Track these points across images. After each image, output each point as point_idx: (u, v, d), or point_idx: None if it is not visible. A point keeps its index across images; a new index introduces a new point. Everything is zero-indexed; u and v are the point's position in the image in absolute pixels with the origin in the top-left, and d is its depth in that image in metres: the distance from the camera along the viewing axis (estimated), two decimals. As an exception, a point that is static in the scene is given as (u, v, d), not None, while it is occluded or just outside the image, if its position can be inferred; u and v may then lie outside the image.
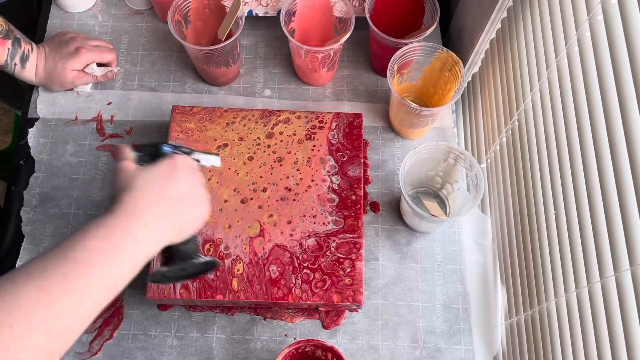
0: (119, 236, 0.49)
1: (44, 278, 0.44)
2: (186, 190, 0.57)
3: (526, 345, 0.67)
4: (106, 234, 0.49)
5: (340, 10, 0.84)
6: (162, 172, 0.56)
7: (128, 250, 0.50)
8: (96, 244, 0.48)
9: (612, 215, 0.49)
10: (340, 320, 0.75)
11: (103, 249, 0.48)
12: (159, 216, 0.53)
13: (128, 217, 0.51)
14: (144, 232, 0.51)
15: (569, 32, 0.57)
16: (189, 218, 0.57)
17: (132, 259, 0.50)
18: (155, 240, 0.53)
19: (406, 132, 0.85)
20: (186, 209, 0.56)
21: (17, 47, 0.79)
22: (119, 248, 0.49)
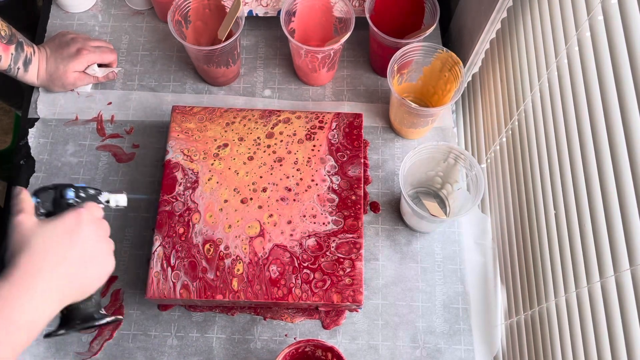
0: (15, 308, 0.46)
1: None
2: (90, 250, 0.53)
3: (526, 345, 0.67)
4: (1, 306, 0.45)
5: (340, 10, 0.84)
6: (64, 230, 0.51)
7: (25, 322, 0.46)
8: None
9: (612, 215, 0.49)
10: (340, 320, 0.75)
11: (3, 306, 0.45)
12: (58, 280, 0.49)
13: (25, 287, 0.47)
14: (42, 302, 0.48)
15: (569, 32, 0.57)
16: (92, 278, 0.53)
17: (29, 330, 0.47)
18: (55, 306, 0.49)
19: (406, 132, 0.85)
20: (88, 268, 0.52)
21: (20, 51, 0.79)
22: (15, 322, 0.46)
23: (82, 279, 0.52)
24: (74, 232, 0.52)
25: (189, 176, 0.75)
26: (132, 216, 0.80)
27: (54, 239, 0.50)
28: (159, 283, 0.69)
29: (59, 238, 0.51)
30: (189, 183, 0.75)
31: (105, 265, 0.55)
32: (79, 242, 0.52)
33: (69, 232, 0.52)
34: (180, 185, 0.74)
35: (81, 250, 0.52)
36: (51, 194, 0.56)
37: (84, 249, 0.52)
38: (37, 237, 0.50)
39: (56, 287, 0.49)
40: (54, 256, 0.50)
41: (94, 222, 0.55)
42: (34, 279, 0.48)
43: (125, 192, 0.64)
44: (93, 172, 0.83)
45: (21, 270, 0.48)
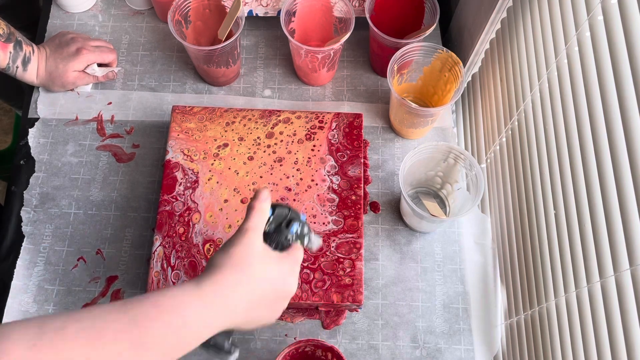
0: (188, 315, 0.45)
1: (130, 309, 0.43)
2: (283, 298, 0.53)
3: (526, 345, 0.67)
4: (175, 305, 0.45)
5: (340, 10, 0.84)
6: (281, 273, 0.52)
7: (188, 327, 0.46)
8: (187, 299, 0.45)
9: (612, 215, 0.49)
10: (340, 320, 0.75)
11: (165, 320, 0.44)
12: (239, 315, 0.49)
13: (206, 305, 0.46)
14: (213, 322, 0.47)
15: (568, 32, 0.57)
16: (266, 320, 0.53)
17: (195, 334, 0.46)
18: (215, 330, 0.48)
19: (406, 132, 0.85)
20: (272, 312, 0.52)
21: (18, 50, 0.79)
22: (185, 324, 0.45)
23: (261, 318, 0.52)
24: (285, 283, 0.52)
25: (189, 176, 0.75)
26: (132, 216, 0.80)
27: (266, 282, 0.50)
28: (159, 283, 0.69)
29: (271, 279, 0.51)
30: (189, 183, 0.75)
31: (278, 313, 0.54)
32: (283, 290, 0.52)
33: (283, 279, 0.52)
34: (180, 185, 0.74)
35: (278, 296, 0.52)
36: (282, 217, 0.55)
37: (281, 296, 0.52)
38: (253, 269, 0.49)
39: (233, 317, 0.48)
40: (255, 294, 0.49)
41: (299, 265, 0.55)
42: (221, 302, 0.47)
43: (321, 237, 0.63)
44: (93, 172, 0.83)
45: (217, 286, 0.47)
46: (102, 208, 0.81)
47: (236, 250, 0.49)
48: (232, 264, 0.48)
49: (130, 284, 0.76)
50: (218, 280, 0.47)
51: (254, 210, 0.52)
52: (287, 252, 0.54)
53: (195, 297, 0.46)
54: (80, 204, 0.81)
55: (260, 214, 0.53)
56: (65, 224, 0.79)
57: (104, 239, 0.78)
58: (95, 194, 0.82)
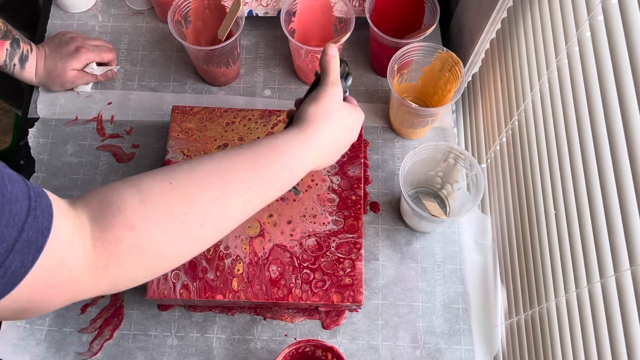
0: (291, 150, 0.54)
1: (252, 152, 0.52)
2: (351, 139, 0.62)
3: (526, 345, 0.67)
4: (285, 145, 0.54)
5: (340, 10, 0.84)
6: (352, 119, 0.60)
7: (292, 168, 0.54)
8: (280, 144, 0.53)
9: (612, 215, 0.49)
10: (340, 320, 0.75)
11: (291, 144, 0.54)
12: (320, 156, 0.57)
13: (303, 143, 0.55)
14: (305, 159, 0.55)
15: (569, 32, 0.57)
16: (335, 159, 0.61)
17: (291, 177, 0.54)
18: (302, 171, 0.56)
19: (406, 132, 0.85)
20: (335, 155, 0.60)
21: (15, 47, 0.79)
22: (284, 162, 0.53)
23: (334, 158, 0.60)
24: (356, 128, 0.61)
25: (189, 176, 0.75)
26: (132, 216, 0.80)
27: (341, 125, 0.59)
28: (159, 283, 0.69)
29: (344, 126, 0.59)
30: (189, 183, 0.75)
31: (339, 156, 0.62)
32: (353, 134, 0.61)
33: (355, 126, 0.61)
34: (180, 185, 0.74)
35: (350, 140, 0.61)
36: (342, 69, 0.62)
37: (349, 140, 0.61)
38: (336, 115, 0.58)
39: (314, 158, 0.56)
40: (334, 137, 0.58)
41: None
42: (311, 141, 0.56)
43: None
44: (93, 172, 0.83)
45: (311, 127, 0.56)
46: (102, 208, 0.80)
47: (326, 101, 0.57)
48: (323, 113, 0.57)
49: (130, 284, 0.76)
50: (314, 127, 0.56)
51: (330, 65, 0.60)
52: (353, 104, 0.63)
53: (300, 141, 0.54)
54: (80, 204, 0.81)
55: (337, 68, 0.60)
56: (65, 224, 0.79)
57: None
58: (95, 194, 0.81)
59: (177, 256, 0.47)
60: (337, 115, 0.58)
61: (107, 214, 0.42)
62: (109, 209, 0.43)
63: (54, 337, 0.73)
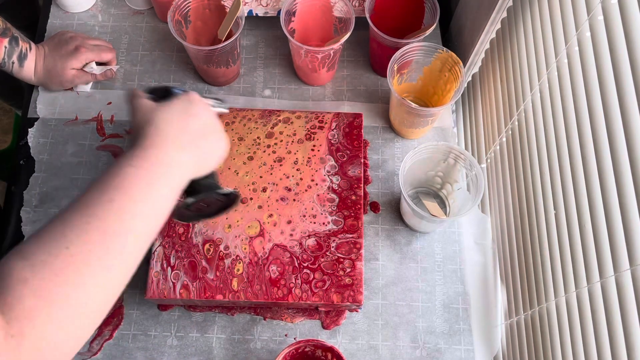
0: (151, 163, 0.50)
1: (90, 206, 0.45)
2: (204, 125, 0.57)
3: (526, 345, 0.67)
4: (139, 162, 0.49)
5: (340, 10, 0.84)
6: (180, 107, 0.56)
7: (162, 175, 0.50)
8: (133, 171, 0.48)
9: (612, 215, 0.49)
10: (340, 320, 0.75)
11: (140, 175, 0.49)
12: (183, 148, 0.53)
13: (156, 147, 0.51)
14: (171, 161, 0.52)
15: (569, 32, 0.57)
16: (210, 152, 0.58)
17: (168, 184, 0.51)
18: (182, 171, 0.53)
19: (406, 132, 0.85)
20: (206, 142, 0.57)
21: (14, 45, 0.79)
22: (155, 173, 0.50)
23: (202, 151, 0.56)
24: (189, 108, 0.56)
25: (189, 176, 0.75)
26: (132, 216, 0.80)
27: (173, 114, 0.55)
28: (159, 283, 0.69)
29: (178, 112, 0.55)
30: (189, 183, 0.75)
31: (221, 140, 0.59)
32: (193, 116, 0.56)
33: (185, 109, 0.56)
34: (180, 185, 0.74)
35: (198, 123, 0.56)
36: (162, 91, 0.60)
37: (199, 122, 0.56)
38: (158, 112, 0.54)
39: (181, 152, 0.53)
40: (175, 127, 0.54)
41: (204, 103, 0.59)
42: (163, 143, 0.52)
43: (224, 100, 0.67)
44: (93, 172, 0.83)
45: (151, 137, 0.52)
46: (102, 208, 0.80)
47: (136, 119, 0.55)
48: (138, 128, 0.53)
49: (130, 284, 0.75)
50: (142, 147, 0.51)
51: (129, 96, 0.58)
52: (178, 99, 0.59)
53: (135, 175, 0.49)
54: (80, 204, 0.81)
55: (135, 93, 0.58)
56: (65, 224, 0.79)
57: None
58: (95, 194, 0.81)
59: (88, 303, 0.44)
60: (157, 117, 0.54)
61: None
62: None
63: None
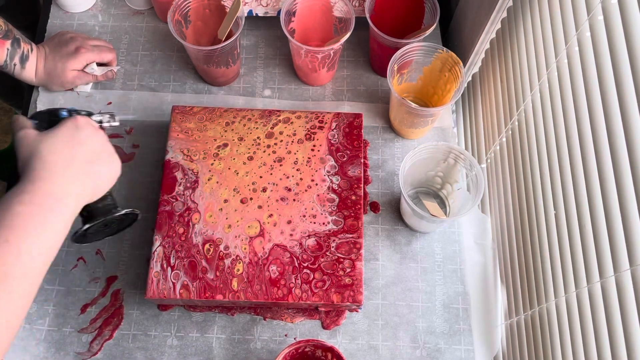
0: (42, 198, 0.50)
1: None
2: (93, 149, 0.56)
3: (526, 345, 0.67)
4: (29, 198, 0.49)
5: (340, 10, 0.84)
6: (65, 135, 0.55)
7: (54, 209, 0.50)
8: (23, 209, 0.48)
9: (612, 215, 0.49)
10: (340, 320, 0.75)
11: (32, 212, 0.49)
12: (72, 177, 0.53)
13: (44, 181, 0.51)
14: (64, 194, 0.52)
15: (569, 32, 0.57)
16: (101, 176, 0.57)
17: (60, 217, 0.51)
18: (75, 200, 0.53)
19: (406, 132, 0.85)
20: (96, 167, 0.56)
21: (16, 47, 0.79)
22: (46, 209, 0.50)
23: (93, 177, 0.55)
24: (75, 135, 0.56)
25: (188, 176, 0.75)
26: (132, 216, 0.80)
27: (59, 143, 0.54)
28: (159, 283, 0.69)
29: (64, 141, 0.54)
30: (188, 183, 0.75)
31: (112, 162, 0.58)
32: (80, 142, 0.55)
33: (71, 135, 0.55)
34: (180, 185, 0.74)
35: (86, 150, 0.55)
36: (46, 116, 0.59)
37: (88, 148, 0.56)
38: (43, 144, 0.54)
39: (70, 182, 0.53)
40: (62, 157, 0.53)
41: (91, 126, 0.58)
42: (50, 175, 0.51)
43: (115, 113, 0.67)
44: (93, 172, 0.83)
45: (37, 171, 0.51)
46: (102, 208, 0.80)
47: (20, 153, 0.54)
48: (29, 156, 0.53)
49: (130, 284, 0.76)
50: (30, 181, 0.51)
51: (13, 128, 0.57)
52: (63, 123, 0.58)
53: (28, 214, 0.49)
54: (80, 204, 0.81)
55: (19, 124, 0.57)
56: (65, 224, 0.79)
57: (104, 239, 0.78)
58: (95, 194, 0.81)
59: None
60: (39, 147, 0.53)
61: None
62: None
63: (54, 337, 0.73)
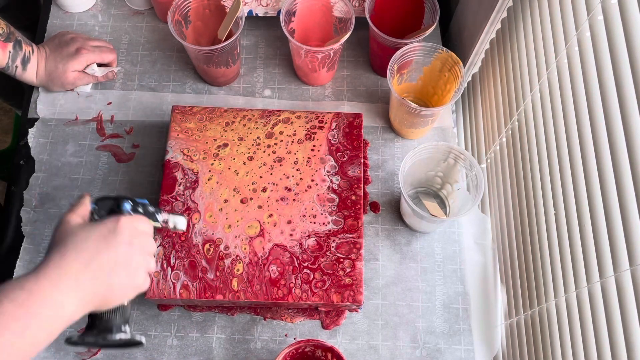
0: (38, 302, 0.46)
1: None
2: (122, 258, 0.52)
3: (526, 345, 0.67)
4: (24, 298, 0.46)
5: (340, 10, 0.84)
6: (100, 234, 0.52)
7: (45, 317, 0.47)
8: (12, 309, 0.45)
9: (612, 215, 0.49)
10: (340, 320, 0.75)
11: (19, 316, 0.45)
12: (86, 283, 0.49)
13: (51, 281, 0.48)
14: (65, 299, 0.48)
15: (569, 32, 0.57)
16: (119, 288, 0.52)
17: (49, 326, 0.47)
18: (77, 307, 0.49)
19: (406, 132, 0.85)
20: (117, 277, 0.52)
21: (18, 49, 0.79)
22: (36, 315, 0.46)
23: (107, 286, 0.51)
24: (109, 237, 0.52)
25: (188, 176, 0.75)
26: (132, 216, 0.80)
27: (88, 241, 0.51)
28: (159, 283, 0.69)
29: (95, 240, 0.51)
30: (188, 183, 0.75)
31: (135, 277, 0.54)
32: (112, 246, 0.52)
33: (105, 235, 0.52)
34: (180, 185, 0.74)
35: (113, 256, 0.52)
36: (109, 203, 0.56)
37: (116, 254, 0.52)
38: (74, 237, 0.51)
39: (81, 287, 0.49)
40: (85, 258, 0.50)
41: (133, 231, 0.54)
42: (60, 275, 0.48)
43: (185, 216, 0.63)
44: (93, 172, 0.83)
45: (50, 266, 0.49)
46: (102, 208, 0.80)
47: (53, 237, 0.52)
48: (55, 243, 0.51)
49: (130, 284, 0.76)
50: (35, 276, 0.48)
51: (71, 206, 0.56)
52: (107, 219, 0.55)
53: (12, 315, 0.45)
54: (80, 204, 0.81)
55: (76, 204, 0.55)
56: (65, 224, 0.79)
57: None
58: (95, 194, 0.81)
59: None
60: (75, 237, 0.51)
61: None
62: None
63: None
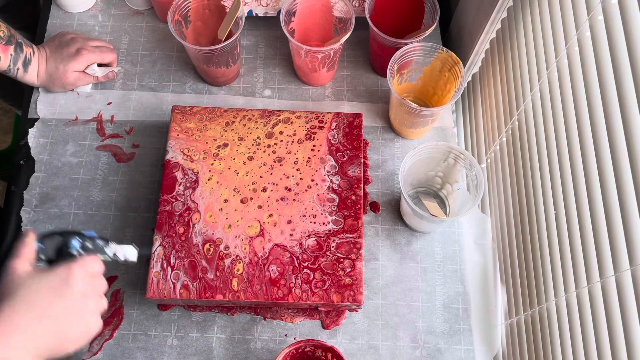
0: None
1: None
2: (76, 306, 0.51)
3: (526, 345, 0.67)
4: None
5: (340, 10, 0.84)
6: (51, 285, 0.51)
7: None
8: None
9: (612, 215, 0.49)
10: (340, 320, 0.75)
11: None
12: (39, 336, 0.48)
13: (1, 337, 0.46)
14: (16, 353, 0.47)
15: (569, 32, 0.57)
16: (73, 337, 0.52)
17: None
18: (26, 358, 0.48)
19: (406, 132, 0.85)
20: (71, 327, 0.51)
21: (19, 52, 0.79)
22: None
23: (62, 337, 0.50)
24: (62, 288, 0.51)
25: (188, 176, 0.75)
26: (132, 216, 0.80)
27: (40, 293, 0.50)
28: (159, 283, 0.69)
29: (46, 292, 0.50)
30: (188, 183, 0.75)
31: (89, 325, 0.53)
32: (65, 298, 0.51)
33: (57, 287, 0.51)
34: (180, 185, 0.74)
35: (66, 307, 0.51)
36: (56, 241, 0.55)
37: (69, 306, 0.51)
38: (23, 289, 0.49)
39: (33, 342, 0.48)
40: (35, 311, 0.49)
41: (86, 278, 0.53)
42: (13, 331, 0.47)
43: (134, 245, 0.63)
44: (93, 172, 0.83)
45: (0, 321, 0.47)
46: (102, 208, 0.81)
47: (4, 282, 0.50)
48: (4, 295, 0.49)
49: (130, 284, 0.76)
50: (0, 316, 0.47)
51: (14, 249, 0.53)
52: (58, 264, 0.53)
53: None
54: (80, 204, 0.81)
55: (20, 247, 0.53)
56: (65, 224, 0.79)
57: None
58: (95, 194, 0.82)
59: None
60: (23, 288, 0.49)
61: None
62: None
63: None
